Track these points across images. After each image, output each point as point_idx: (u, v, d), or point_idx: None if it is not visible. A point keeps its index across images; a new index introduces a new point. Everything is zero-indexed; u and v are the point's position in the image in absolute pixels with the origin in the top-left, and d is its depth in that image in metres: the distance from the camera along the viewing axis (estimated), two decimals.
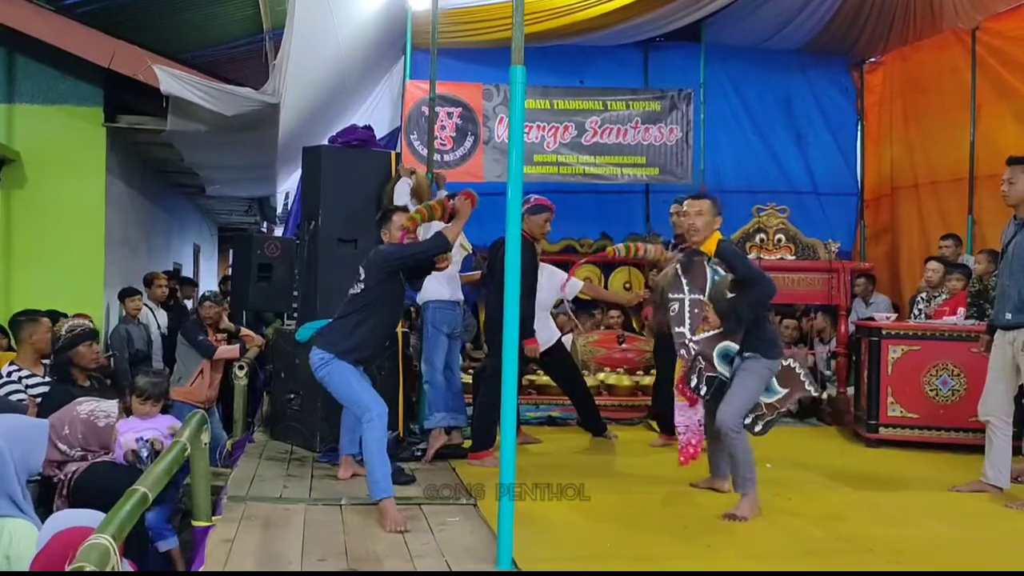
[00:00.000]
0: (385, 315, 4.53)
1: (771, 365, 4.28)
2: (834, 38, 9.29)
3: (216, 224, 15.82)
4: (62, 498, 3.89)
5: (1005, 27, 8.02)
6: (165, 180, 10.09)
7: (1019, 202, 4.65)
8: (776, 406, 4.32)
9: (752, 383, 4.23)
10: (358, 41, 8.11)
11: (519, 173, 3.44)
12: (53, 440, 3.90)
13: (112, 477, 3.70)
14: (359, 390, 4.33)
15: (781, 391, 4.33)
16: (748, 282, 4.26)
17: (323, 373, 4.36)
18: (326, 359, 4.34)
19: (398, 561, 3.47)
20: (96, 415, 4.05)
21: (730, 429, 4.15)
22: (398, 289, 4.59)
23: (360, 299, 4.44)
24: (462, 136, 8.70)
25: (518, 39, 3.40)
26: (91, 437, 3.98)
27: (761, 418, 4.31)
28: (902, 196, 9.57)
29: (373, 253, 4.56)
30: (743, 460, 4.20)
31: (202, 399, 6.39)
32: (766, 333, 4.32)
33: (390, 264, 4.48)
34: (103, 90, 7.05)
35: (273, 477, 4.85)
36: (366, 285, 4.46)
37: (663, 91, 8.97)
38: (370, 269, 4.47)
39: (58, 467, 3.99)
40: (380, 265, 4.46)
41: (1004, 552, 3.83)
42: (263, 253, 7.56)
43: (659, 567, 3.47)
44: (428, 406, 5.48)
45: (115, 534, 2.23)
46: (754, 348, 4.24)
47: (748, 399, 4.23)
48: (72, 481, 3.93)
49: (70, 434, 3.95)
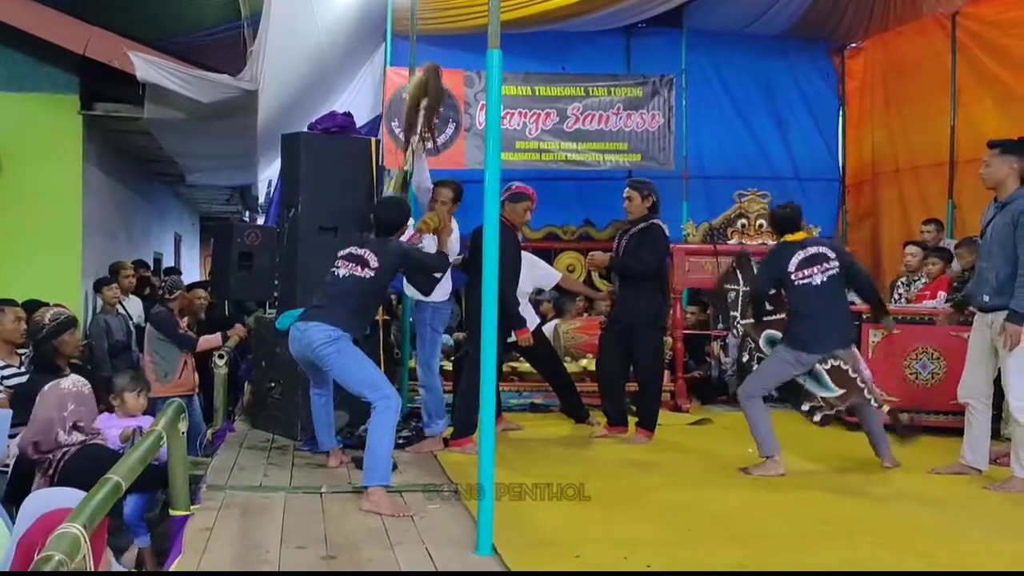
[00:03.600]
0: (377, 307, 4.68)
1: (793, 355, 4.84)
2: (815, 23, 9.28)
3: (197, 213, 15.71)
4: (46, 477, 3.85)
5: (985, 12, 8.04)
6: (144, 169, 9.99)
7: (996, 184, 4.66)
8: (833, 403, 4.85)
9: (769, 365, 4.95)
10: (338, 28, 8.04)
11: (497, 159, 3.43)
12: (56, 426, 3.85)
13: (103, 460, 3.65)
14: (374, 372, 4.34)
15: (836, 390, 4.83)
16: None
17: (330, 350, 4.25)
18: (335, 335, 4.25)
19: (377, 549, 3.47)
20: (77, 384, 4.04)
21: (742, 396, 4.97)
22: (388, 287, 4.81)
23: (371, 284, 4.46)
24: (443, 123, 8.61)
25: (494, 23, 3.38)
26: (82, 405, 3.97)
27: (818, 409, 4.88)
28: (883, 181, 9.61)
29: (389, 243, 4.58)
30: (753, 426, 4.89)
31: (191, 386, 6.45)
32: (792, 328, 4.90)
33: (404, 262, 4.64)
34: (79, 77, 6.95)
35: (253, 466, 4.83)
36: (381, 270, 4.47)
37: (645, 77, 8.94)
38: (387, 257, 4.50)
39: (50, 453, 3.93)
40: (397, 259, 4.56)
41: (979, 534, 3.86)
42: (243, 242, 7.47)
43: (641, 551, 3.48)
44: (427, 413, 5.39)
45: (86, 523, 2.21)
46: (783, 339, 4.93)
47: (763, 376, 4.96)
48: (62, 462, 3.88)
49: (83, 410, 3.94)
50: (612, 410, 5.83)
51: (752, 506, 4.23)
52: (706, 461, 5.26)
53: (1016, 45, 7.64)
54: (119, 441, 4.27)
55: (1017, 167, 4.60)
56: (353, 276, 4.45)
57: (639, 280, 5.62)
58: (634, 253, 5.59)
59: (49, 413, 3.86)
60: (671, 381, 7.07)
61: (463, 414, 5.29)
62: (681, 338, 7.24)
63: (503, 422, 5.87)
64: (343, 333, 4.28)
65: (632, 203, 5.66)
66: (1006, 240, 4.48)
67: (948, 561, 3.46)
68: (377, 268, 4.46)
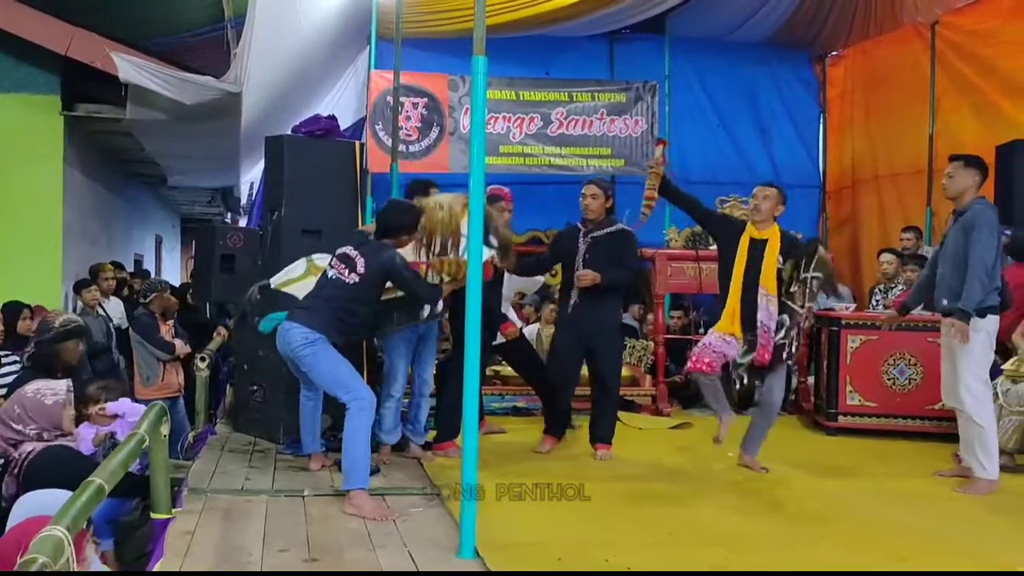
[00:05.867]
0: (368, 314, 4.49)
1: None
2: (797, 31, 9.38)
3: (179, 215, 15.62)
4: (12, 476, 3.82)
5: (964, 22, 8.15)
6: (125, 170, 9.94)
7: (957, 195, 4.82)
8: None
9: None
10: (322, 30, 8.04)
11: (481, 163, 3.45)
12: (5, 420, 3.83)
13: (66, 461, 3.63)
14: (349, 374, 4.27)
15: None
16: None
17: (307, 352, 4.25)
18: (312, 338, 4.25)
19: (360, 551, 3.47)
20: (43, 392, 3.98)
21: None
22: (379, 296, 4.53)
23: (354, 291, 4.36)
24: (428, 127, 8.65)
25: (479, 29, 3.40)
26: (38, 415, 3.91)
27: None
28: (863, 188, 9.71)
29: (383, 250, 4.41)
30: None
31: (175, 389, 6.44)
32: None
33: (390, 278, 4.40)
34: (60, 78, 6.91)
35: (235, 469, 4.81)
36: (365, 278, 4.36)
37: (628, 83, 8.99)
38: (373, 267, 4.35)
39: (13, 447, 3.91)
40: (383, 271, 4.36)
41: (948, 534, 3.92)
42: (225, 244, 7.48)
43: (623, 553, 3.50)
44: (419, 423, 5.28)
45: (70, 526, 2.20)
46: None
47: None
48: (26, 462, 3.85)
49: (20, 413, 3.89)
50: (554, 416, 5.58)
51: (732, 508, 4.27)
52: (687, 464, 5.30)
53: (994, 55, 7.74)
54: (92, 445, 4.23)
55: (978, 180, 4.78)
56: (339, 280, 4.42)
57: (621, 286, 5.47)
58: (616, 261, 5.27)
59: (9, 406, 3.86)
60: (652, 385, 7.12)
61: (446, 418, 5.30)
62: (663, 343, 7.28)
63: (486, 425, 5.88)
64: (320, 336, 4.26)
65: (596, 201, 5.31)
66: (962, 248, 4.64)
67: (925, 563, 3.51)
68: (362, 275, 4.36)
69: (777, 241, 4.81)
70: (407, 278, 4.41)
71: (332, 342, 4.30)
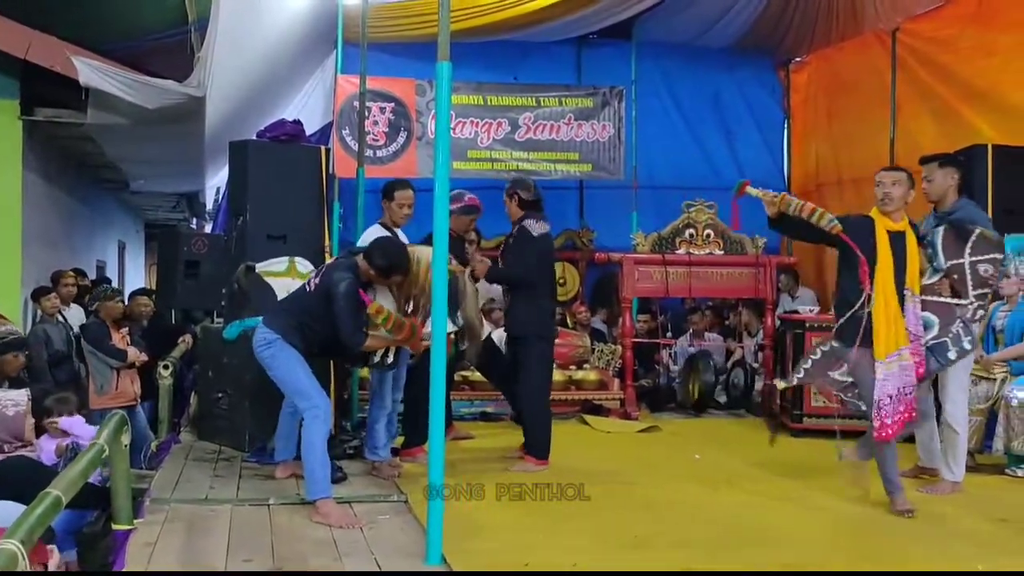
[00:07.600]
0: (324, 333, 4.27)
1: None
2: (761, 37, 9.48)
3: (143, 220, 15.41)
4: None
5: (923, 29, 8.28)
6: (87, 175, 9.78)
7: (939, 197, 4.78)
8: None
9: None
10: (288, 34, 7.98)
11: (446, 168, 3.44)
12: None
13: (25, 472, 3.57)
14: (304, 379, 4.19)
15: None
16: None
17: (267, 354, 4.22)
18: (270, 339, 4.21)
19: (326, 560, 3.44)
20: (3, 403, 3.93)
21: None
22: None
23: (309, 301, 4.30)
24: (395, 132, 8.62)
25: (444, 35, 3.39)
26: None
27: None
28: (827, 192, 9.81)
29: (333, 275, 4.22)
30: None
31: (130, 397, 6.26)
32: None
33: (329, 302, 4.18)
34: (19, 82, 6.79)
35: (199, 478, 4.74)
36: (315, 291, 4.28)
37: (595, 88, 9.03)
38: (323, 283, 4.24)
39: None
40: (326, 290, 4.20)
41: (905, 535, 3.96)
42: (190, 250, 7.40)
43: (589, 557, 3.51)
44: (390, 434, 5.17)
45: (24, 539, 2.16)
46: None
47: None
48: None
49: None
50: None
51: (698, 511, 4.30)
52: (654, 468, 5.32)
53: (953, 61, 7.87)
54: (54, 456, 4.16)
55: (956, 178, 4.75)
56: (304, 287, 4.42)
57: (522, 287, 5.23)
58: (507, 260, 5.28)
59: None
60: (621, 389, 7.14)
61: (413, 424, 5.27)
62: (631, 346, 7.31)
63: (454, 431, 5.87)
64: (277, 336, 4.21)
65: (508, 208, 5.35)
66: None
67: (894, 563, 3.57)
68: (316, 286, 4.32)
69: (912, 232, 4.40)
70: (340, 307, 4.15)
71: (292, 344, 4.23)
